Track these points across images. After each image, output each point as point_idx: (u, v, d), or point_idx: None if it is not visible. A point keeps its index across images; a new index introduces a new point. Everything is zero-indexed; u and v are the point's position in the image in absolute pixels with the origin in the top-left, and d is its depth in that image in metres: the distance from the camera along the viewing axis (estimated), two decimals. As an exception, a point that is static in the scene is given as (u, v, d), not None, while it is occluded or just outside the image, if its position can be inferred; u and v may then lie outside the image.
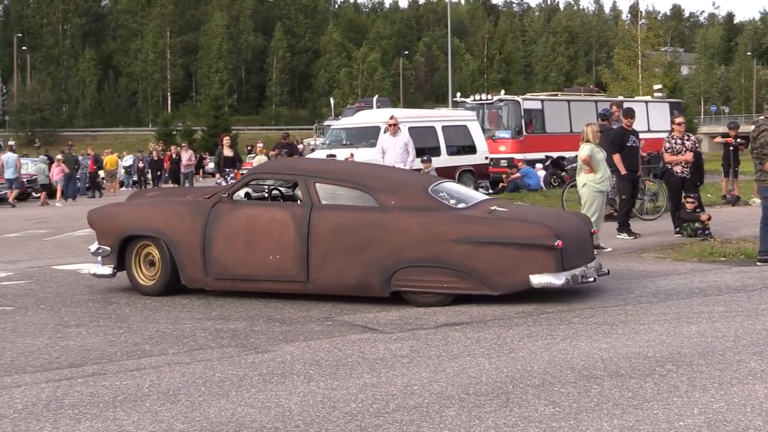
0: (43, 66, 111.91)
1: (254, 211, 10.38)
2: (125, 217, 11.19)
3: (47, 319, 9.30)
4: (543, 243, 9.30)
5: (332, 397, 6.09)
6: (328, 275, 9.87)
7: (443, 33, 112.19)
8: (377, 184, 10.17)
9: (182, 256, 10.51)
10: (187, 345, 7.92)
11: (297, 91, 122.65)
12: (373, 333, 8.27)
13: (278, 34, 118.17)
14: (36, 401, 6.16)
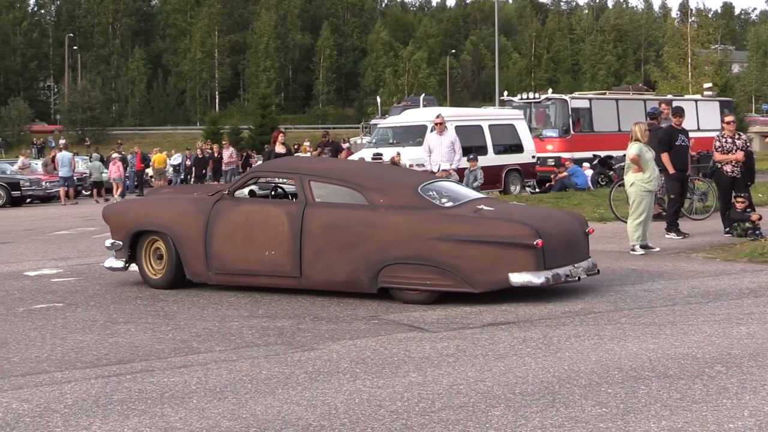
0: (93, 65, 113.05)
1: (252, 208, 10.76)
2: (136, 213, 11.74)
3: (96, 315, 9.41)
4: (522, 242, 9.39)
5: (378, 396, 6.09)
6: (319, 271, 10.14)
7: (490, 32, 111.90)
8: (368, 183, 10.40)
9: (186, 251, 10.96)
10: (234, 342, 7.96)
11: (344, 89, 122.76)
12: (419, 332, 8.26)
13: (325, 33, 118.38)
14: (85, 397, 6.23)
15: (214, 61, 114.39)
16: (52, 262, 13.71)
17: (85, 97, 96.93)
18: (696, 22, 65.89)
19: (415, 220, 9.79)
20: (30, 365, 7.24)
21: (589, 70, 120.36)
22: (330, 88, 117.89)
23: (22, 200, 33.97)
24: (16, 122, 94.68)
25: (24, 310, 9.85)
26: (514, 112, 30.58)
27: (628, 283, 10.81)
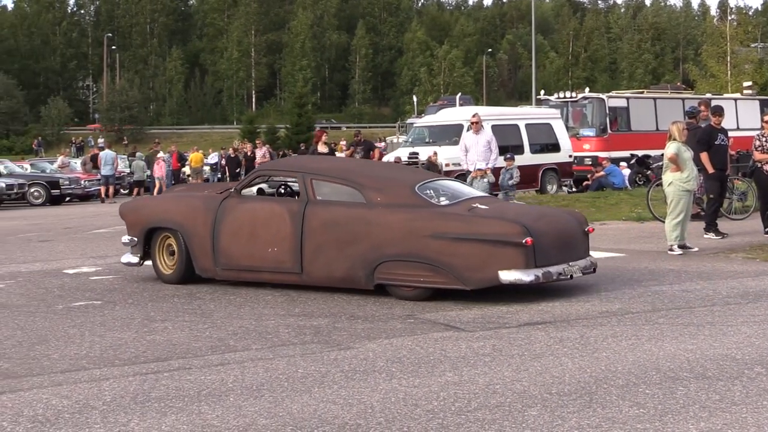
0: (131, 65, 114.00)
1: (257, 206, 11.05)
2: (149, 211, 12.15)
3: (134, 313, 9.48)
4: (512, 240, 9.45)
5: (414, 395, 6.09)
6: (319, 267, 10.39)
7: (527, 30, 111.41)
8: (367, 181, 10.58)
9: (195, 247, 11.28)
10: (271, 341, 7.99)
11: (380, 88, 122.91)
12: (455, 331, 8.25)
13: (360, 32, 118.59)
14: (123, 394, 6.28)
15: (251, 61, 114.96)
16: (91, 260, 13.82)
17: (123, 96, 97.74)
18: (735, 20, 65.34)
19: (410, 218, 9.96)
20: (69, 362, 7.31)
21: (627, 69, 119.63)
22: (366, 87, 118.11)
23: (62, 199, 34.31)
24: (55, 122, 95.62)
25: (63, 307, 9.94)
26: (550, 111, 30.45)
27: (666, 283, 10.73)
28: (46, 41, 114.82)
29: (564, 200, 22.68)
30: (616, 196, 23.41)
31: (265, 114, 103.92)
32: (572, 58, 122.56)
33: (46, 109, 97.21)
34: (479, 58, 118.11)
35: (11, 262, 14.12)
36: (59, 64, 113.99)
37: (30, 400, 6.14)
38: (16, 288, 11.47)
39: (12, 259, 14.63)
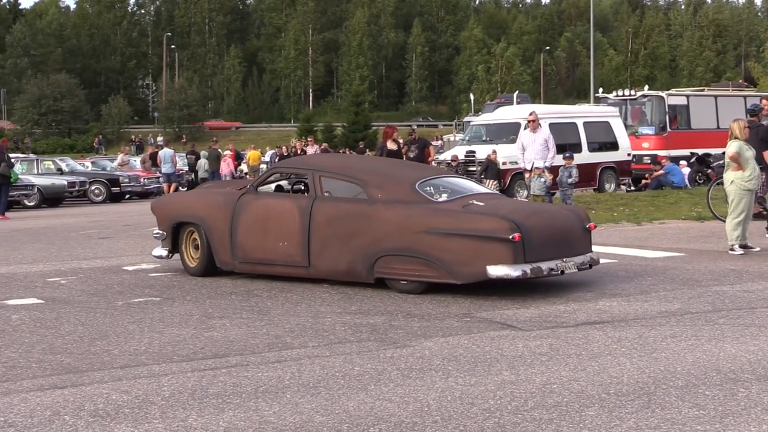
0: (190, 64, 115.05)
1: (270, 202, 11.52)
2: (176, 206, 12.77)
3: (192, 310, 9.57)
4: (499, 236, 9.67)
5: (470, 394, 6.08)
6: (325, 261, 10.84)
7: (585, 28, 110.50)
8: (370, 178, 10.95)
9: (215, 241, 11.80)
10: (327, 338, 8.02)
11: (437, 87, 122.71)
12: (512, 330, 8.22)
13: (417, 30, 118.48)
14: (182, 389, 6.34)
15: (308, 59, 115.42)
16: (150, 257, 13.95)
17: (182, 95, 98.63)
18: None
19: (406, 214, 10.29)
20: (129, 357, 7.40)
21: (687, 67, 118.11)
22: (423, 85, 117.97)
23: (121, 196, 34.76)
24: (115, 120, 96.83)
25: (123, 303, 10.07)
26: (609, 109, 30.17)
27: (727, 283, 10.59)
28: (106, 41, 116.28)
29: (622, 199, 22.48)
30: (676, 195, 23.16)
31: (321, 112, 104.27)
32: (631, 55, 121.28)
33: (106, 107, 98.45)
34: (537, 56, 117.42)
35: (73, 259, 14.33)
36: (119, 64, 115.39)
37: (91, 395, 6.23)
38: (77, 284, 11.64)
39: (73, 255, 14.85)
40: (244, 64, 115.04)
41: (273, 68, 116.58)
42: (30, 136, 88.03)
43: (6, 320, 9.17)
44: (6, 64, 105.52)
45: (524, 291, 10.26)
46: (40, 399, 6.16)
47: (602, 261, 12.65)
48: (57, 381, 6.66)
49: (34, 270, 13.07)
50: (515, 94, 56.70)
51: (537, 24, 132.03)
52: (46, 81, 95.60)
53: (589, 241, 10.89)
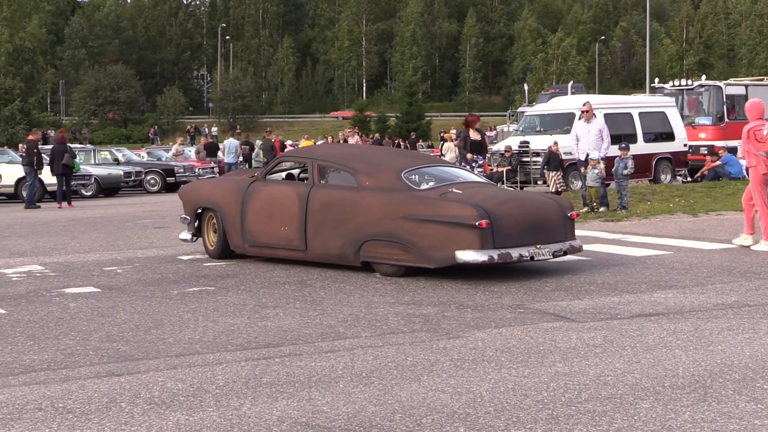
0: (244, 55, 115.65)
1: (274, 189, 12.24)
2: (198, 193, 13.49)
3: (246, 299, 9.63)
4: (466, 222, 10.21)
5: (523, 385, 6.05)
6: (318, 245, 11.50)
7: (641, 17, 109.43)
8: (361, 167, 11.58)
9: (229, 225, 12.57)
10: (380, 329, 8.04)
11: (490, 77, 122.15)
12: (565, 321, 8.18)
13: (471, 21, 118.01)
14: (236, 378, 6.39)
15: (362, 50, 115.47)
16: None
17: (236, 86, 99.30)
18: None
19: (387, 201, 10.89)
20: (184, 346, 7.47)
21: (746, 56, 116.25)
22: (476, 75, 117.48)
23: (176, 186, 34.96)
24: (171, 111, 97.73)
25: (178, 293, 10.17)
26: (665, 99, 29.83)
27: (785, 275, 10.44)
28: (162, 32, 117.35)
29: (678, 190, 22.24)
30: (733, 186, 22.83)
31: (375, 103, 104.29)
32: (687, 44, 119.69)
33: (162, 98, 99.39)
34: (592, 45, 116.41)
35: (129, 248, 14.50)
36: (175, 55, 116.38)
37: (147, 383, 6.30)
38: (133, 273, 11.78)
39: (129, 245, 15.02)
40: (297, 55, 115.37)
41: (326, 59, 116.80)
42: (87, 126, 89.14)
43: (64, 308, 9.31)
44: (64, 56, 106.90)
45: (579, 282, 10.20)
46: (97, 386, 6.24)
47: (658, 253, 12.54)
48: (114, 368, 6.74)
49: (91, 259, 13.25)
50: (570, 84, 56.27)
51: (592, 13, 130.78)
52: (103, 72, 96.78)
53: (572, 228, 11.29)
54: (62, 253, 14.04)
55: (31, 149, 26.75)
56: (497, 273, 11.01)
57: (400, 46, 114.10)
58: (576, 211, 11.64)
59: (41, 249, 14.72)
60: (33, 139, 27.57)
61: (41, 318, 8.81)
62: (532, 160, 25.13)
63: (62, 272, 11.92)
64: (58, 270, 12.09)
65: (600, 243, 13.82)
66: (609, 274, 10.81)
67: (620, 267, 11.33)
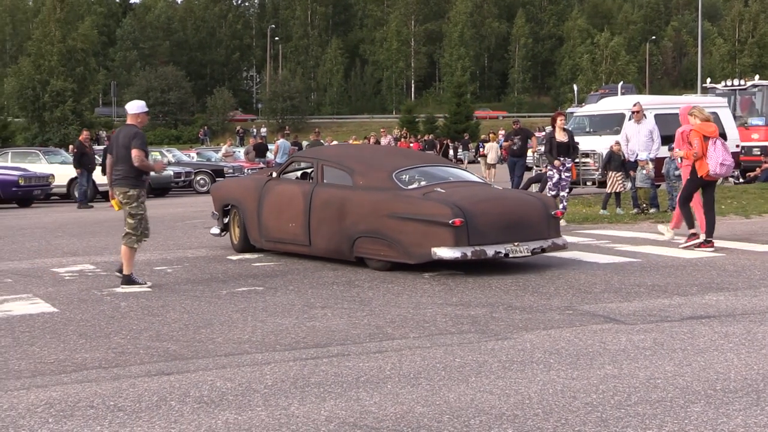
0: (293, 56, 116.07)
1: (284, 188, 13.02)
2: (225, 190, 14.50)
3: (295, 300, 9.67)
4: (440, 220, 10.80)
5: (572, 387, 6.02)
6: (320, 241, 12.21)
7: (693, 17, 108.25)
8: (357, 167, 12.27)
9: (248, 221, 13.46)
10: (428, 329, 8.03)
11: (539, 77, 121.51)
12: (615, 323, 8.11)
13: (520, 21, 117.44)
14: (284, 378, 6.42)
15: (410, 50, 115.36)
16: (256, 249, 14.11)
17: (285, 86, 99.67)
18: None
19: (376, 200, 11.57)
20: (233, 346, 7.52)
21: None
22: (525, 76, 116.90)
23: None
24: (220, 111, 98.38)
25: (227, 292, 10.23)
26: (717, 99, 29.45)
27: (840, 278, 10.28)
28: (212, 34, 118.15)
29: (730, 191, 21.98)
30: (786, 187, 22.52)
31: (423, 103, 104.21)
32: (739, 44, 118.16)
33: (211, 99, 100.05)
34: (643, 45, 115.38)
35: (178, 248, 14.62)
36: (224, 56, 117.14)
37: (196, 381, 6.36)
38: (183, 273, 11.88)
39: (179, 244, 15.14)
40: (346, 56, 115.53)
41: (375, 60, 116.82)
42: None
43: (115, 307, 9.41)
44: (116, 57, 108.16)
45: (629, 284, 10.12)
46: (148, 384, 6.30)
47: (710, 255, 12.41)
48: (163, 367, 6.80)
49: (141, 259, 13.36)
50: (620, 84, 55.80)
51: (643, 13, 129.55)
52: (154, 73, 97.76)
53: (555, 226, 11.74)
54: (113, 252, 14.18)
55: (81, 149, 27.09)
56: (546, 274, 10.96)
57: (449, 46, 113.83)
58: (560, 210, 12.20)
59: (93, 248, 14.90)
60: (82, 139, 27.93)
61: (93, 317, 8.92)
62: (581, 161, 24.94)
63: (113, 272, 12.04)
64: (110, 269, 12.21)
65: (650, 245, 13.71)
66: (659, 276, 10.71)
67: (670, 269, 11.23)
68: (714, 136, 13.02)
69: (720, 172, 13.01)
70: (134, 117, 11.07)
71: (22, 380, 6.52)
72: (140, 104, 11.24)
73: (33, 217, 22.92)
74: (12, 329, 8.38)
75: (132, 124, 11.05)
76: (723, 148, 13.04)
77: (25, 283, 11.24)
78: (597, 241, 14.25)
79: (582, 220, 17.58)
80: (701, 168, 12.99)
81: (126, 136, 10.83)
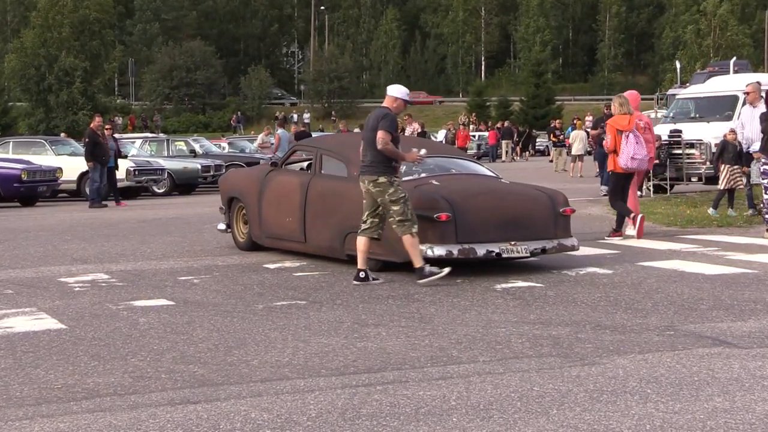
0: (342, 28, 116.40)
1: (283, 179, 13.79)
2: (230, 182, 15.34)
3: (343, 316, 9.70)
4: (425, 215, 11.33)
5: (674, 423, 5.97)
6: (315, 236, 12.94)
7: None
8: (354, 156, 12.35)
9: (250, 215, 14.28)
10: (501, 352, 8.01)
11: (634, 53, 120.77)
12: (725, 347, 8.04)
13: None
14: (330, 409, 6.43)
15: (480, 22, 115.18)
16: (294, 254, 14.20)
17: (332, 65, 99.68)
18: None
19: None
20: (270, 370, 7.56)
21: None
22: (617, 51, 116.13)
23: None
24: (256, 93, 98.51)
25: (264, 307, 10.29)
26: None
27: None
28: (246, 3, 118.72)
29: None
30: None
31: (495, 84, 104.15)
32: None
33: (245, 79, 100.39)
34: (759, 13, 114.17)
35: (207, 255, 14.71)
36: (261, 29, 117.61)
37: (227, 412, 6.39)
38: (212, 284, 11.96)
39: (207, 251, 15.23)
40: (404, 28, 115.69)
41: (438, 33, 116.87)
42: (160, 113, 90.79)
43: (133, 324, 9.50)
44: (135, 31, 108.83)
45: (742, 300, 10.02)
46: (171, 415, 6.35)
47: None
48: (189, 395, 6.85)
49: (163, 267, 13.50)
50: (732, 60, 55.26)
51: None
52: (179, 49, 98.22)
53: (564, 226, 12.13)
54: (131, 259, 14.34)
55: (93, 139, 26.79)
56: (641, 288, 10.89)
57: (526, 16, 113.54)
58: (570, 207, 12.39)
59: (107, 255, 15.05)
60: (94, 127, 27.38)
61: (107, 335, 9.01)
62: (685, 152, 24.72)
63: (131, 282, 12.17)
64: (126, 279, 12.34)
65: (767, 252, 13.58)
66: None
67: None
68: (627, 130, 14.96)
69: (631, 166, 15.05)
70: (391, 100, 11.80)
71: (25, 408, 6.61)
72: (404, 90, 11.92)
73: (37, 217, 23.24)
74: (13, 349, 8.49)
75: (385, 107, 11.79)
76: (635, 141, 14.97)
77: (29, 295, 11.39)
78: (703, 249, 14.14)
79: (685, 223, 17.45)
80: (614, 162, 15.21)
81: (375, 118, 11.62)
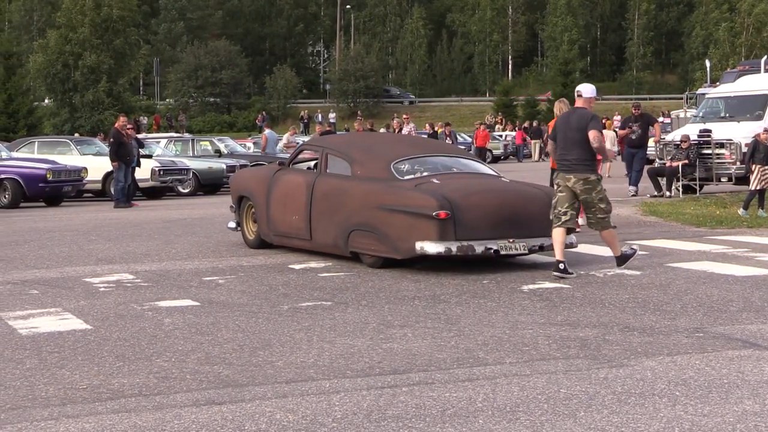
0: (367, 27, 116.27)
1: (290, 178, 14.12)
2: (240, 181, 15.77)
3: (369, 317, 9.71)
4: (424, 213, 11.72)
5: (703, 425, 5.96)
6: (320, 235, 13.27)
7: None
8: (357, 156, 13.30)
9: (259, 213, 14.57)
10: (528, 354, 8.01)
11: (664, 52, 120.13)
12: (755, 349, 8.01)
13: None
14: (356, 410, 6.44)
15: (507, 20, 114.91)
16: (320, 254, 14.21)
17: (358, 64, 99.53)
18: None
19: (368, 191, 12.59)
20: (295, 371, 7.58)
21: None
22: (646, 50, 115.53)
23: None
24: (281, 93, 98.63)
25: (289, 308, 10.31)
26: None
27: None
28: (272, 2, 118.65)
29: None
30: None
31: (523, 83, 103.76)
32: None
33: (271, 79, 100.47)
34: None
35: (232, 255, 14.72)
36: (286, 28, 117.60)
37: (252, 413, 6.41)
38: (236, 284, 11.99)
39: (232, 251, 15.23)
40: (430, 27, 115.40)
41: (465, 31, 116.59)
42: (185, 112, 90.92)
43: (158, 325, 9.54)
44: (159, 30, 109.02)
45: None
46: (195, 416, 6.38)
47: None
48: (214, 396, 6.88)
49: (188, 267, 13.53)
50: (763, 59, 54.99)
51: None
52: (204, 49, 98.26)
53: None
54: (156, 260, 14.38)
55: (117, 139, 26.74)
56: (670, 289, 10.86)
57: (553, 15, 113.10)
58: None
59: (132, 255, 15.09)
60: (119, 126, 27.31)
61: (132, 335, 9.05)
62: (714, 152, 24.59)
63: (156, 282, 12.21)
64: (151, 280, 12.39)
65: (799, 254, 13.51)
66: (810, 292, 10.55)
67: None
68: None
69: None
70: (588, 101, 12.47)
71: (50, 409, 6.65)
72: (593, 88, 12.71)
73: (63, 217, 23.34)
74: (39, 349, 8.54)
75: (583, 107, 12.40)
76: None
77: (54, 296, 11.45)
78: (733, 250, 14.08)
79: (715, 224, 17.37)
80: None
81: (581, 119, 12.12)
